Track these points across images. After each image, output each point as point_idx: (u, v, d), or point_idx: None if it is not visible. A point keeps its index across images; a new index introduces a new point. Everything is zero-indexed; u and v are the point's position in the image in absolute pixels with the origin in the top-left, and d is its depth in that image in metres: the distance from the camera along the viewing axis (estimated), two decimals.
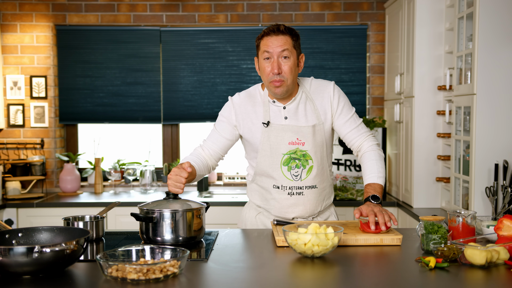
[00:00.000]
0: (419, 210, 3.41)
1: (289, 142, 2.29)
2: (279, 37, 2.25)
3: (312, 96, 2.36)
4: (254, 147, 2.35)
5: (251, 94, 2.40)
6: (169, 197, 2.08)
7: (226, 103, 2.43)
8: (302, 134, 2.29)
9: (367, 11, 4.35)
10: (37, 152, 4.34)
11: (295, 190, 2.32)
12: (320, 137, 2.32)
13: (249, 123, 2.35)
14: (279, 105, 2.34)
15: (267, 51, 2.26)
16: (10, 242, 1.77)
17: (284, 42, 2.25)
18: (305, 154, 2.29)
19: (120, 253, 1.70)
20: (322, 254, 1.82)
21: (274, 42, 2.25)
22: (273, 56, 2.25)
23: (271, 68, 2.25)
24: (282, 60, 2.25)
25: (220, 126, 2.40)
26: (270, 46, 2.25)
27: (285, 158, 2.29)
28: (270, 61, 2.26)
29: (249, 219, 2.46)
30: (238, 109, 2.37)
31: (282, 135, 2.29)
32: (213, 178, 4.48)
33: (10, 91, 4.30)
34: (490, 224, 2.16)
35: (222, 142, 2.40)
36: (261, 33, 2.32)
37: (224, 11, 4.36)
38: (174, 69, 4.40)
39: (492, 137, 2.80)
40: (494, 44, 2.77)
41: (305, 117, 2.32)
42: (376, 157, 2.33)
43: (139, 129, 4.66)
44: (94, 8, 4.33)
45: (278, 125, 2.30)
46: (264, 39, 2.28)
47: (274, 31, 2.26)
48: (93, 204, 3.87)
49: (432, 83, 3.49)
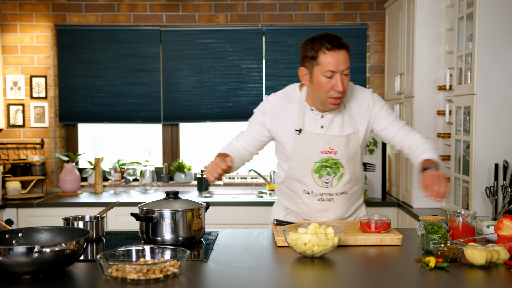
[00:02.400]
0: (419, 210, 3.40)
1: (321, 151, 2.26)
2: (342, 53, 2.13)
3: (349, 103, 2.30)
4: (286, 151, 2.32)
5: (288, 97, 2.33)
6: (169, 197, 2.08)
7: (262, 103, 2.37)
8: (335, 144, 2.25)
9: (367, 11, 4.35)
10: (37, 152, 4.34)
11: (325, 197, 2.31)
12: (354, 145, 2.28)
13: (282, 128, 2.31)
14: (317, 113, 2.27)
15: (331, 70, 2.12)
16: (10, 242, 1.77)
17: (346, 58, 2.14)
18: (337, 162, 2.27)
19: (120, 253, 1.70)
20: (322, 254, 1.82)
21: (339, 59, 2.12)
22: (336, 74, 2.13)
23: (334, 86, 2.14)
24: (344, 76, 2.15)
25: (254, 126, 2.37)
26: (335, 65, 2.12)
27: (316, 166, 2.27)
28: (331, 78, 2.14)
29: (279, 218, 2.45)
30: (273, 112, 2.32)
31: (315, 143, 2.25)
32: None
33: (10, 91, 4.30)
34: (490, 224, 2.16)
35: (254, 142, 2.39)
36: (314, 44, 2.15)
37: (224, 11, 4.36)
38: (174, 69, 4.40)
39: (492, 137, 2.80)
40: (494, 44, 2.77)
41: (341, 126, 2.27)
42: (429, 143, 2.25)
43: (139, 129, 4.66)
44: (94, 8, 4.33)
45: (311, 133, 2.26)
46: (327, 55, 2.12)
47: (338, 47, 2.13)
48: (93, 204, 3.87)
49: (432, 83, 3.49)
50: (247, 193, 4.32)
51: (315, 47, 2.14)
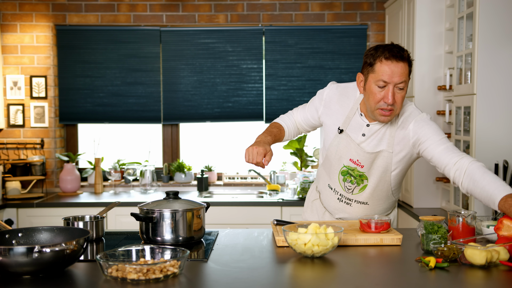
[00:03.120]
0: (419, 210, 3.40)
1: (350, 159, 2.26)
2: (400, 65, 2.06)
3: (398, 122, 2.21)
4: (326, 143, 2.36)
5: (348, 93, 2.30)
6: (169, 197, 2.08)
7: (324, 89, 2.36)
8: (364, 159, 2.23)
9: (367, 11, 4.35)
10: (37, 152, 4.34)
11: (345, 199, 2.34)
12: (384, 163, 2.22)
13: (330, 121, 2.32)
14: (364, 120, 2.24)
15: (384, 80, 2.06)
16: (10, 242, 1.77)
17: (403, 72, 2.07)
18: (362, 175, 2.27)
19: (120, 253, 1.70)
20: (322, 254, 1.82)
21: (395, 71, 2.05)
22: (388, 85, 2.08)
23: (384, 97, 2.08)
24: (397, 90, 2.08)
25: (310, 107, 2.42)
26: (390, 75, 2.05)
27: (343, 169, 2.29)
28: (383, 89, 2.08)
29: (310, 200, 2.53)
30: (327, 102, 2.33)
31: (348, 149, 2.26)
32: (213, 178, 4.48)
33: (10, 91, 4.30)
34: (490, 224, 2.16)
35: (307, 121, 2.43)
36: (376, 51, 2.09)
37: (224, 11, 4.35)
38: (174, 69, 4.40)
39: (492, 137, 2.80)
40: (494, 44, 2.77)
41: (379, 140, 2.21)
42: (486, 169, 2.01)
43: (139, 129, 4.66)
44: (94, 8, 4.33)
45: (350, 139, 2.25)
46: (384, 64, 2.06)
47: (397, 58, 2.05)
48: (93, 204, 3.87)
49: (432, 83, 3.49)
50: (247, 193, 4.32)
51: (376, 54, 2.09)
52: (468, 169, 2.02)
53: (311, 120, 2.42)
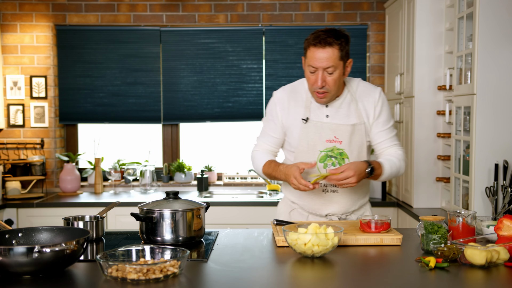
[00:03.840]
0: (419, 210, 3.40)
1: (326, 139, 2.29)
2: (326, 51, 2.16)
3: (357, 97, 2.34)
4: (293, 142, 2.35)
5: (296, 89, 2.38)
6: (169, 197, 2.08)
7: (271, 99, 2.42)
8: (340, 133, 2.28)
9: (367, 11, 4.35)
10: (37, 152, 4.34)
11: (330, 188, 2.33)
12: (360, 136, 2.31)
13: (290, 118, 2.35)
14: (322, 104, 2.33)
15: (312, 65, 2.19)
16: (10, 242, 1.77)
17: (330, 57, 2.16)
18: (342, 152, 2.29)
19: (120, 253, 1.70)
20: (322, 254, 1.82)
21: (320, 56, 2.16)
22: (317, 70, 2.19)
23: (315, 81, 2.21)
24: (327, 74, 2.20)
25: (269, 125, 2.42)
26: (316, 61, 2.17)
27: (322, 155, 2.29)
28: (314, 74, 2.21)
29: (283, 215, 2.48)
30: (281, 103, 2.36)
31: (320, 132, 2.29)
32: (213, 178, 4.48)
33: (10, 91, 4.30)
34: (490, 224, 2.16)
35: (273, 141, 2.43)
36: (310, 35, 2.22)
37: (224, 11, 4.35)
38: (174, 69, 4.40)
39: (492, 137, 2.80)
40: (494, 44, 2.77)
41: (346, 116, 2.31)
42: (398, 158, 2.32)
43: (139, 129, 4.66)
44: (94, 8, 4.33)
45: (317, 122, 2.30)
46: (311, 50, 2.19)
47: (322, 44, 2.16)
48: (93, 204, 3.87)
49: (432, 83, 3.48)
50: (247, 193, 4.32)
51: (308, 41, 2.22)
52: (389, 153, 2.34)
53: (277, 136, 2.41)
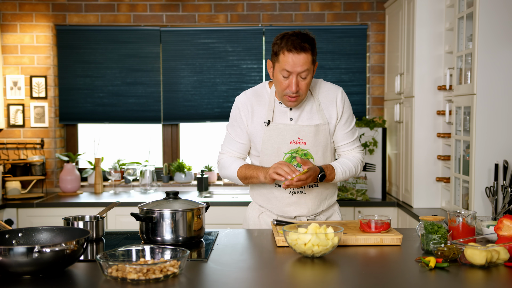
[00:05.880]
0: (419, 210, 3.40)
1: (290, 141, 2.29)
2: (301, 56, 2.15)
3: (319, 98, 2.34)
4: (257, 146, 2.35)
5: (258, 93, 2.38)
6: (169, 197, 2.08)
7: (233, 104, 2.41)
8: (304, 134, 2.28)
9: (367, 11, 4.35)
10: (37, 152, 4.34)
11: (297, 189, 2.32)
12: (324, 137, 2.31)
13: (254, 122, 2.34)
14: (285, 107, 2.32)
15: (286, 70, 2.17)
16: (10, 242, 1.77)
17: (305, 61, 2.16)
18: (306, 153, 2.29)
19: (120, 253, 1.70)
20: (322, 254, 1.82)
21: (296, 61, 2.15)
22: (292, 75, 2.18)
23: (289, 86, 2.19)
24: (301, 78, 2.19)
25: (234, 131, 2.40)
26: (291, 66, 2.16)
27: (286, 157, 2.29)
28: (288, 78, 2.19)
29: (252, 219, 2.46)
30: (244, 108, 2.35)
31: (284, 134, 2.29)
32: (213, 178, 4.48)
33: (10, 91, 4.30)
34: (490, 224, 2.16)
35: (241, 147, 2.41)
36: (281, 41, 2.19)
37: (224, 11, 4.35)
38: (174, 69, 4.40)
39: (492, 137, 2.80)
40: (494, 44, 2.77)
41: (309, 117, 2.31)
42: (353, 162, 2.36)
43: (139, 129, 4.66)
44: (94, 8, 4.33)
45: (280, 124, 2.30)
46: (286, 55, 2.16)
47: (298, 50, 2.14)
48: (93, 204, 3.87)
49: (432, 83, 3.49)
50: (247, 193, 4.31)
51: (280, 44, 2.19)
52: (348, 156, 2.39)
53: (243, 142, 2.39)
